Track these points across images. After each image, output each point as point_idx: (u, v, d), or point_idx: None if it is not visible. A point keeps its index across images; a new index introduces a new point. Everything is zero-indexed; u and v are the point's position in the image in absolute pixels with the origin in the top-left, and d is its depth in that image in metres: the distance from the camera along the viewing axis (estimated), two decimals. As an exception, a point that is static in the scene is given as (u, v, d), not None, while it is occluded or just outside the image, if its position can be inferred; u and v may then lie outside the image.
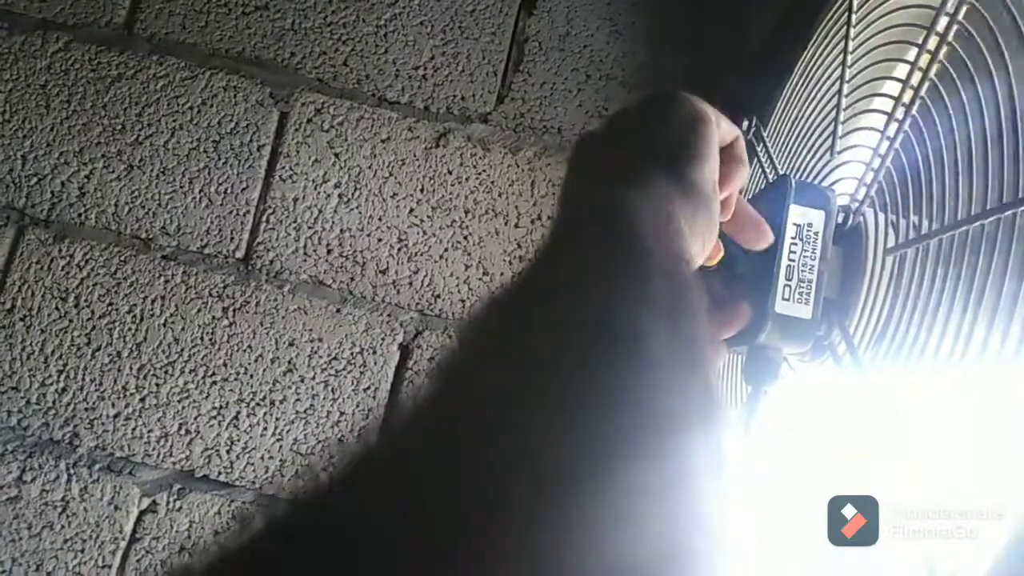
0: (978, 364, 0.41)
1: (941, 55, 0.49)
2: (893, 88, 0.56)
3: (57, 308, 0.93)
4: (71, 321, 0.93)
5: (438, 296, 0.96)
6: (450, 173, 0.98)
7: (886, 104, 0.56)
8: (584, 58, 1.01)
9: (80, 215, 0.95)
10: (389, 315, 0.95)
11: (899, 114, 0.53)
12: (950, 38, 0.48)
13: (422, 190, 0.98)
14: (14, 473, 0.90)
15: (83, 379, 0.92)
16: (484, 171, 0.99)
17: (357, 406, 0.93)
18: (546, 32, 1.01)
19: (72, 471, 0.90)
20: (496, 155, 0.99)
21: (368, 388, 0.94)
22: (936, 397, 0.43)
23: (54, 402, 0.92)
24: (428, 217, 0.97)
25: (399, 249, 0.97)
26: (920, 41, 0.52)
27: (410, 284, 0.96)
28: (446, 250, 0.97)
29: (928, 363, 0.44)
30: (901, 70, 0.56)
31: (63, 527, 0.89)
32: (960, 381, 0.42)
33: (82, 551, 0.89)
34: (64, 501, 0.90)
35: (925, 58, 0.51)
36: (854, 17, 0.63)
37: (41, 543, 0.89)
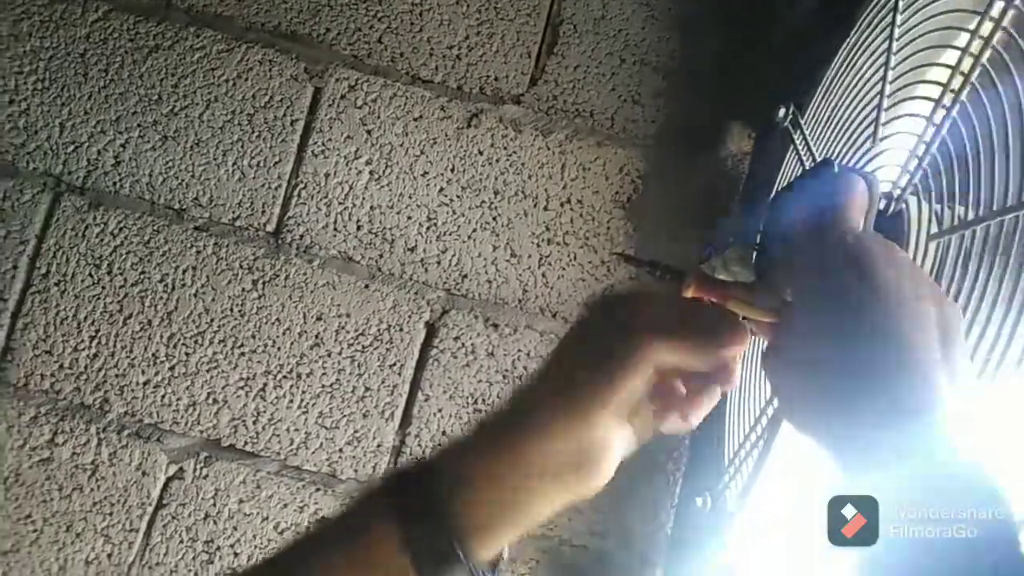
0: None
1: (995, 41, 0.49)
2: (940, 74, 0.55)
3: (91, 275, 0.95)
4: (104, 288, 0.94)
5: (465, 276, 0.96)
6: (481, 154, 0.98)
7: (933, 91, 0.55)
8: (619, 42, 1.00)
9: (115, 184, 0.96)
10: (416, 293, 0.96)
11: (947, 100, 0.52)
12: (1005, 23, 0.48)
13: (452, 170, 0.98)
14: (46, 435, 0.91)
15: (114, 346, 0.93)
16: (515, 152, 0.98)
17: (382, 382, 0.94)
18: (581, 15, 1.01)
19: (102, 436, 0.92)
20: (527, 137, 0.99)
21: (394, 364, 0.94)
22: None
23: (86, 367, 0.93)
24: (458, 197, 0.98)
25: (428, 228, 0.97)
26: (972, 27, 0.51)
27: (438, 263, 0.96)
28: (474, 230, 0.97)
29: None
30: (949, 56, 0.55)
31: (92, 490, 0.91)
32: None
33: (110, 514, 0.90)
34: (94, 465, 0.91)
35: (977, 44, 0.51)
36: (901, 2, 0.62)
37: (71, 504, 0.90)
